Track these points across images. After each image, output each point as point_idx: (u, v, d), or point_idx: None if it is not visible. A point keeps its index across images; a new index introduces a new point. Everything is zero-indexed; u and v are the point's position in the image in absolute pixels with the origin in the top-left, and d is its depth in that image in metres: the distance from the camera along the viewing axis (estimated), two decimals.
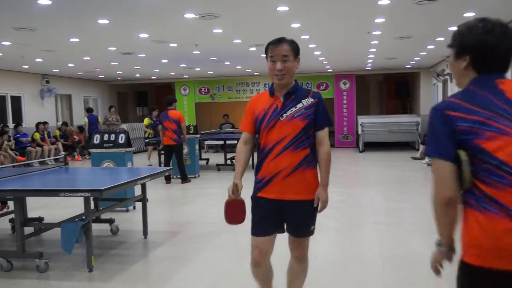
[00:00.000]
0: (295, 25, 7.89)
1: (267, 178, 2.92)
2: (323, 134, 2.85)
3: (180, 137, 9.40)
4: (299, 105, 2.84)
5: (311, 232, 2.99)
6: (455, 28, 1.87)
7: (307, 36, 9.05)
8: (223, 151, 12.41)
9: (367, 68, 16.23)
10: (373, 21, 7.78)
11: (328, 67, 15.31)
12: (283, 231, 3.02)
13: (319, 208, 2.89)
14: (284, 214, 2.93)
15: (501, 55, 1.75)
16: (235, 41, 9.49)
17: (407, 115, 16.97)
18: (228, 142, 12.61)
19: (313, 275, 3.67)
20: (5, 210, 6.18)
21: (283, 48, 2.91)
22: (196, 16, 7.00)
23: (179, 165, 9.46)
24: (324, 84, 17.22)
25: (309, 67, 15.16)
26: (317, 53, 11.58)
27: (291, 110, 2.83)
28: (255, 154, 3.16)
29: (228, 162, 11.67)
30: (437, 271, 1.87)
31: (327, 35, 9.13)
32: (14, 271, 4.43)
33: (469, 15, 7.10)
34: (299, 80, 3.14)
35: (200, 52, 11.04)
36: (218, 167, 11.51)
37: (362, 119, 15.33)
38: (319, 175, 2.92)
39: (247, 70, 15.91)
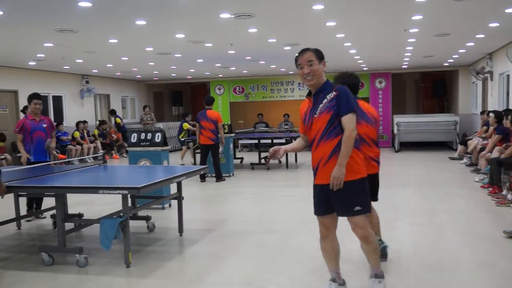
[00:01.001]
0: (331, 23, 7.80)
1: (315, 167, 3.39)
2: (345, 120, 3.21)
3: (217, 137, 9.48)
4: (324, 101, 3.28)
5: (355, 212, 3.27)
6: (496, 25, 1.79)
7: (343, 35, 8.93)
8: (257, 150, 12.42)
9: (403, 67, 15.90)
10: (410, 19, 7.60)
11: (364, 65, 15.09)
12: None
13: (330, 184, 3.22)
14: (330, 197, 3.33)
15: None
16: (270, 40, 9.47)
17: (445, 114, 16.52)
18: (262, 141, 12.60)
19: (344, 277, 3.62)
20: (33, 218, 6.42)
21: (307, 55, 3.39)
22: (232, 16, 7.02)
23: (215, 164, 9.54)
24: (360, 83, 16.96)
25: (344, 66, 14.93)
26: (352, 51, 11.42)
27: (319, 107, 3.29)
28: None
29: (262, 161, 11.67)
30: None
31: (363, 33, 8.99)
32: (56, 265, 4.56)
33: (511, 11, 6.84)
34: (333, 79, 3.55)
35: (235, 52, 11.08)
36: (252, 166, 11.53)
37: (398, 118, 15.02)
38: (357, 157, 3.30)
39: (282, 69, 15.87)
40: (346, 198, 3.25)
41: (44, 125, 6.45)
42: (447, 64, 15.29)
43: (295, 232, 5.59)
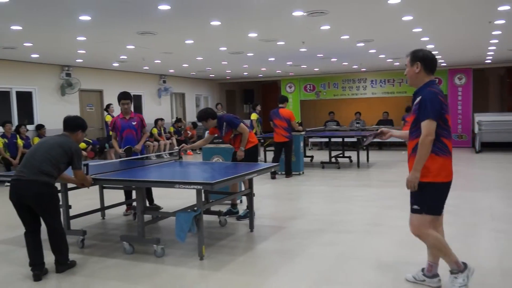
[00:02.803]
0: (407, 18, 7.55)
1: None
2: (422, 125, 3.36)
3: (291, 134, 9.57)
4: (415, 102, 3.48)
5: (413, 210, 3.51)
6: None
7: (420, 29, 8.60)
8: (328, 148, 12.30)
9: (487, 61, 14.99)
10: (495, 10, 7.15)
11: (442, 61, 14.40)
12: None
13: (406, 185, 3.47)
14: None
15: None
16: (342, 37, 9.35)
17: None
18: (333, 139, 12.47)
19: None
20: (130, 212, 6.74)
21: (407, 59, 3.61)
22: (304, 14, 7.02)
23: (286, 161, 9.62)
24: (437, 80, 16.26)
25: None
26: (430, 46, 10.95)
27: (412, 107, 3.53)
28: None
29: (333, 160, 11.54)
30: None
31: (442, 27, 8.60)
32: (135, 254, 4.83)
33: None
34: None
35: (307, 49, 11.05)
36: (323, 164, 11.44)
37: (479, 117, 14.20)
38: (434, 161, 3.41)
39: (354, 66, 15.58)
40: (411, 196, 3.53)
41: (134, 123, 6.66)
42: None
43: (368, 233, 5.49)
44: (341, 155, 12.00)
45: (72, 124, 4.59)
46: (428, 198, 3.42)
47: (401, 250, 4.76)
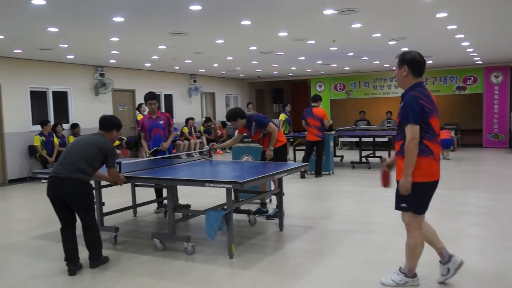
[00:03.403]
0: (441, 14, 7.38)
1: None
2: (406, 130, 3.43)
3: (323, 134, 9.53)
4: (400, 106, 3.55)
5: (401, 208, 3.63)
6: None
7: (454, 26, 8.39)
8: (358, 148, 12.16)
9: None
10: None
11: (477, 59, 14.01)
12: None
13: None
14: None
15: None
16: (374, 35, 9.22)
17: None
18: (363, 139, 12.32)
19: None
20: (161, 209, 6.84)
21: (396, 62, 3.69)
22: (335, 12, 6.96)
23: (317, 161, 9.58)
24: (472, 78, 15.86)
25: (455, 59, 14.07)
26: (465, 44, 10.69)
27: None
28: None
29: (363, 159, 11.41)
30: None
31: (479, 23, 8.35)
32: (166, 251, 4.90)
33: None
34: (443, 74, 3.83)
35: (337, 48, 10.95)
36: (353, 164, 11.32)
37: None
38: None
39: (385, 65, 15.35)
40: (397, 195, 3.62)
41: (161, 122, 6.76)
42: None
43: (399, 234, 5.38)
44: (371, 155, 11.84)
45: (108, 123, 4.69)
46: (415, 197, 3.53)
47: (433, 252, 4.66)
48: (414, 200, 3.55)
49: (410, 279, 3.73)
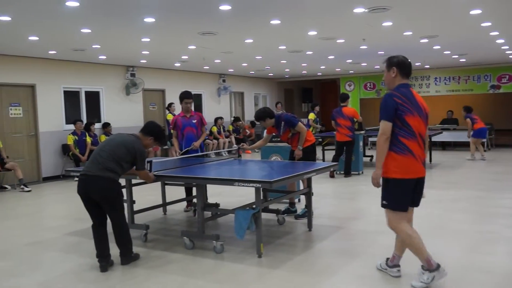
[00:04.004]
0: (475, 11, 7.17)
1: None
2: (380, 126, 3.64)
3: (354, 133, 9.42)
4: None
5: (382, 205, 3.78)
6: None
7: (489, 23, 8.14)
8: None
9: None
10: None
11: None
12: None
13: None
14: None
15: None
16: (405, 33, 9.04)
17: None
18: None
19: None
20: (190, 208, 6.89)
21: (384, 65, 3.94)
22: (366, 10, 6.86)
23: (346, 161, 9.48)
24: (507, 76, 15.38)
25: (489, 57, 13.68)
26: (500, 41, 10.38)
27: None
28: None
29: None
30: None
31: None
32: (195, 249, 4.93)
33: None
34: (476, 73, 3.78)
35: (368, 47, 10.80)
36: None
37: None
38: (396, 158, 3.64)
39: (417, 64, 15.05)
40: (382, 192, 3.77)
41: (194, 121, 6.79)
42: None
43: (430, 236, 5.26)
44: None
45: (148, 128, 4.74)
46: (391, 193, 3.69)
47: (465, 254, 4.54)
48: (391, 196, 3.69)
49: (435, 272, 3.64)
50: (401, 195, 3.67)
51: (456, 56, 13.34)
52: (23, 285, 4.13)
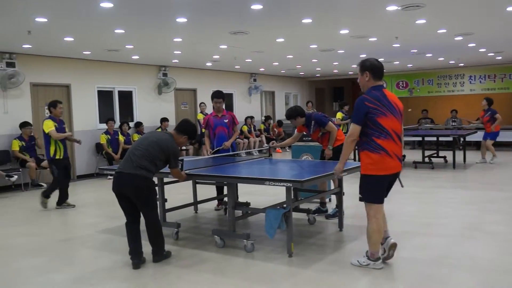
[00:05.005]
0: None
1: None
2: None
3: None
4: None
5: (359, 199, 4.12)
6: None
7: None
8: (421, 148, 11.71)
9: None
10: None
11: None
12: None
13: None
14: None
15: None
16: (439, 31, 8.84)
17: None
18: (426, 139, 11.88)
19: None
20: (221, 207, 6.92)
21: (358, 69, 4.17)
22: (399, 8, 6.73)
23: None
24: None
25: None
26: None
27: None
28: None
29: (426, 160, 10.98)
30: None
31: None
32: (226, 248, 4.95)
33: None
34: None
35: (400, 45, 10.62)
36: (415, 164, 10.92)
37: None
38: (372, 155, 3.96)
39: (451, 62, 14.70)
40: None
41: (226, 121, 6.78)
42: None
43: (464, 237, 5.14)
44: (435, 155, 11.37)
45: (182, 127, 4.78)
46: (366, 188, 4.05)
47: (500, 257, 4.39)
48: (367, 191, 4.05)
49: (372, 262, 4.13)
50: (378, 189, 4.03)
51: (492, 54, 12.95)
52: (58, 281, 4.24)
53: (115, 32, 7.95)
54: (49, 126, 7.24)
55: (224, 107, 7.04)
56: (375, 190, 4.04)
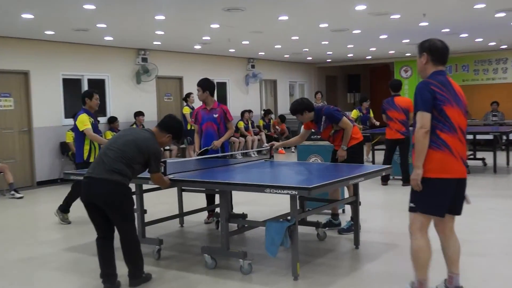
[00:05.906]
0: None
1: None
2: (416, 119, 3.76)
3: (408, 130, 9.21)
4: None
5: (409, 208, 3.86)
6: None
7: None
8: None
9: None
10: None
11: None
12: None
13: None
14: None
15: None
16: (476, 6, 8.86)
17: None
18: None
19: None
20: (212, 219, 6.90)
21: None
22: None
23: (402, 164, 9.30)
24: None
25: None
26: None
27: None
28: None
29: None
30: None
31: None
32: (218, 269, 4.96)
33: None
34: None
35: (429, 24, 10.65)
36: None
37: None
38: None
39: (490, 44, 14.75)
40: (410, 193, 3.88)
41: (215, 115, 6.69)
42: None
43: (508, 257, 5.15)
44: (472, 157, 11.40)
45: (166, 124, 4.77)
46: (423, 195, 3.73)
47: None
48: (422, 197, 3.75)
49: None
50: (436, 196, 3.74)
51: None
52: None
53: (83, 8, 7.94)
54: (84, 123, 6.93)
55: (216, 98, 7.01)
56: (434, 197, 3.74)
